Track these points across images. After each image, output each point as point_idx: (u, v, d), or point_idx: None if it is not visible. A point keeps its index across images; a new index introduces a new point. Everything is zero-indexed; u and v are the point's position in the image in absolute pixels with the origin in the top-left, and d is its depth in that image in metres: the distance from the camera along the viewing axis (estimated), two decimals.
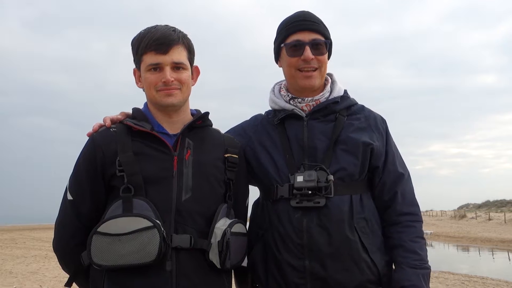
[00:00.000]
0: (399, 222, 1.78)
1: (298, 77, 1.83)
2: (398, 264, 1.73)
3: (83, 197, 1.63)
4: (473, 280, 12.03)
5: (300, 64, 1.81)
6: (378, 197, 1.82)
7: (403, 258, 1.71)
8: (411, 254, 1.71)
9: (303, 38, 1.79)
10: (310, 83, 1.83)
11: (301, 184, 1.72)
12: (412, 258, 1.70)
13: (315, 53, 1.79)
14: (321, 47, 1.80)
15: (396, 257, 1.74)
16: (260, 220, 1.86)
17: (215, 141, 1.79)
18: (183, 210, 1.60)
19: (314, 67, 1.80)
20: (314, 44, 1.79)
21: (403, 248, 1.72)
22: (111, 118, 1.73)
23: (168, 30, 1.66)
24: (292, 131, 1.85)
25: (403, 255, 1.72)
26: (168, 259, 1.54)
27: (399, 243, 1.74)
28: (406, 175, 1.86)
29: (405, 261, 1.70)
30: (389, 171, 1.82)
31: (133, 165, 1.58)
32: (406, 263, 1.70)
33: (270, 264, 1.78)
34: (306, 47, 1.78)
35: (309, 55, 1.78)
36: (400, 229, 1.77)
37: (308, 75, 1.81)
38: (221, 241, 1.59)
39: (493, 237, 30.87)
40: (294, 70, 1.83)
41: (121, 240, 1.46)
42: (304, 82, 1.83)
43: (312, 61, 1.79)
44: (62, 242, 1.69)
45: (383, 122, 1.91)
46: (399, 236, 1.75)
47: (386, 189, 1.81)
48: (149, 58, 1.64)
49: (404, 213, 1.79)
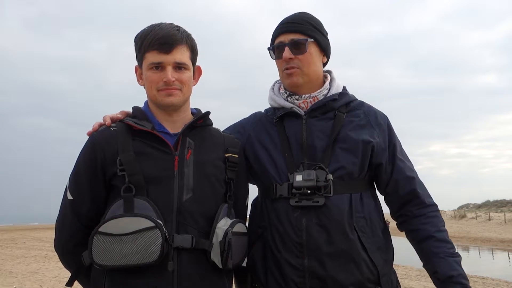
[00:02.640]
0: (422, 214, 1.80)
1: (283, 77, 1.89)
2: (435, 255, 1.73)
3: (82, 197, 1.63)
4: (473, 280, 12.03)
5: (284, 65, 1.85)
6: (393, 193, 1.84)
7: (439, 248, 1.73)
8: (445, 243, 1.74)
9: (283, 39, 1.84)
10: (292, 81, 1.85)
11: (300, 183, 1.72)
12: (447, 247, 1.73)
13: (295, 52, 1.81)
14: (301, 46, 1.82)
15: (430, 248, 1.75)
16: (259, 218, 1.87)
17: (216, 140, 1.79)
18: (184, 210, 1.60)
19: (294, 66, 1.83)
20: (293, 44, 1.81)
21: (435, 238, 1.74)
22: (111, 117, 1.73)
23: (172, 29, 1.65)
24: (291, 129, 1.85)
25: (438, 245, 1.73)
26: (170, 260, 1.53)
27: (429, 233, 1.76)
28: (414, 168, 1.90)
29: (442, 251, 1.72)
30: (401, 167, 1.84)
31: (134, 165, 1.57)
32: (444, 252, 1.72)
33: (269, 263, 1.78)
34: (286, 47, 1.82)
35: (286, 55, 1.81)
36: (425, 220, 1.78)
37: (289, 72, 1.84)
38: (223, 241, 1.59)
39: (493, 237, 30.87)
40: (281, 71, 1.88)
41: (122, 240, 1.46)
42: (287, 81, 1.87)
43: (292, 61, 1.82)
44: (62, 241, 1.69)
45: (384, 117, 1.91)
46: (425, 228, 1.77)
47: (401, 185, 1.83)
48: (152, 57, 1.64)
49: (426, 205, 1.81)
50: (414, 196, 1.82)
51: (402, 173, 1.83)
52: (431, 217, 1.80)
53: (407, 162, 1.88)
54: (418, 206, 1.81)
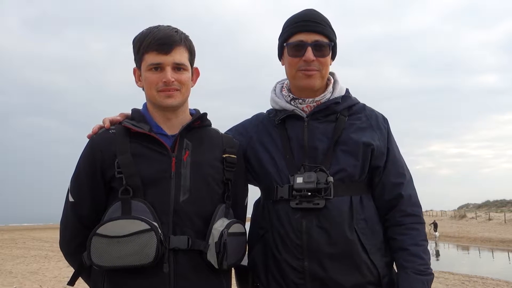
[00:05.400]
0: (402, 224, 1.75)
1: (299, 77, 1.82)
2: (402, 268, 1.70)
3: (83, 199, 1.65)
4: (473, 280, 12.03)
5: (301, 64, 1.79)
6: (379, 197, 1.80)
7: (408, 262, 1.68)
8: (416, 259, 1.68)
9: (305, 39, 1.77)
10: (310, 83, 1.81)
11: (300, 185, 1.71)
12: (417, 263, 1.68)
13: (317, 54, 1.77)
14: (324, 49, 1.78)
15: (400, 260, 1.71)
16: (261, 220, 1.86)
17: (214, 141, 1.79)
18: (181, 211, 1.61)
19: (315, 68, 1.79)
20: (316, 46, 1.77)
21: (407, 252, 1.70)
22: (110, 120, 1.74)
23: (170, 31, 1.67)
24: (293, 131, 1.84)
25: (408, 259, 1.69)
26: (165, 261, 1.55)
27: (403, 246, 1.71)
28: (408, 176, 1.84)
29: (410, 266, 1.67)
30: (389, 171, 1.80)
31: (131, 167, 1.59)
32: (412, 267, 1.67)
33: (270, 264, 1.78)
34: (308, 48, 1.76)
35: (310, 56, 1.76)
36: (403, 231, 1.74)
37: (309, 74, 1.79)
38: (219, 242, 1.60)
39: (493, 237, 30.88)
40: (295, 70, 1.82)
41: (119, 242, 1.48)
42: (304, 82, 1.81)
43: (313, 63, 1.78)
44: (65, 242, 1.74)
45: (384, 121, 1.89)
46: (402, 239, 1.73)
47: (387, 190, 1.79)
48: (151, 58, 1.65)
49: (407, 214, 1.76)
50: (398, 203, 1.76)
51: (390, 177, 1.79)
52: (410, 229, 1.74)
53: (400, 168, 1.82)
54: (400, 214, 1.76)
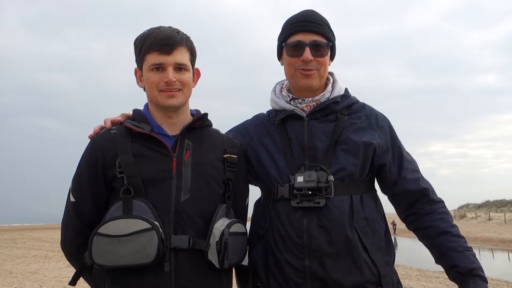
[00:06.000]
0: (433, 211, 1.82)
1: (297, 77, 1.83)
2: (453, 249, 1.75)
3: (84, 199, 1.66)
4: None
5: (299, 64, 1.81)
6: (402, 192, 1.85)
7: (456, 243, 1.76)
8: (460, 238, 1.78)
9: (303, 39, 1.79)
10: (308, 83, 1.83)
11: (301, 184, 1.72)
12: (462, 242, 1.77)
13: (315, 54, 1.79)
14: (322, 49, 1.80)
15: (446, 243, 1.76)
16: (261, 219, 1.87)
17: (214, 141, 1.80)
18: (182, 211, 1.62)
19: (313, 68, 1.80)
20: (314, 46, 1.79)
21: (450, 234, 1.77)
22: (111, 120, 1.75)
23: (172, 32, 1.68)
24: (293, 131, 1.85)
25: (453, 240, 1.76)
26: (166, 261, 1.55)
27: (443, 229, 1.78)
28: (419, 168, 1.91)
29: (459, 245, 1.75)
30: (407, 167, 1.86)
31: (132, 167, 1.59)
32: (461, 247, 1.75)
33: (271, 264, 1.78)
34: (306, 48, 1.78)
35: (308, 56, 1.78)
36: (437, 217, 1.81)
37: (307, 73, 1.81)
38: (219, 242, 1.61)
39: (493, 237, 30.89)
40: (294, 70, 1.84)
41: (120, 241, 1.49)
42: (303, 81, 1.83)
43: (311, 63, 1.80)
44: (66, 242, 1.74)
45: (384, 119, 1.91)
46: (438, 224, 1.79)
47: (409, 184, 1.84)
48: (152, 58, 1.66)
49: (434, 202, 1.84)
50: (423, 195, 1.83)
51: (410, 172, 1.85)
52: (442, 213, 1.82)
53: (413, 162, 1.90)
54: (428, 203, 1.83)
